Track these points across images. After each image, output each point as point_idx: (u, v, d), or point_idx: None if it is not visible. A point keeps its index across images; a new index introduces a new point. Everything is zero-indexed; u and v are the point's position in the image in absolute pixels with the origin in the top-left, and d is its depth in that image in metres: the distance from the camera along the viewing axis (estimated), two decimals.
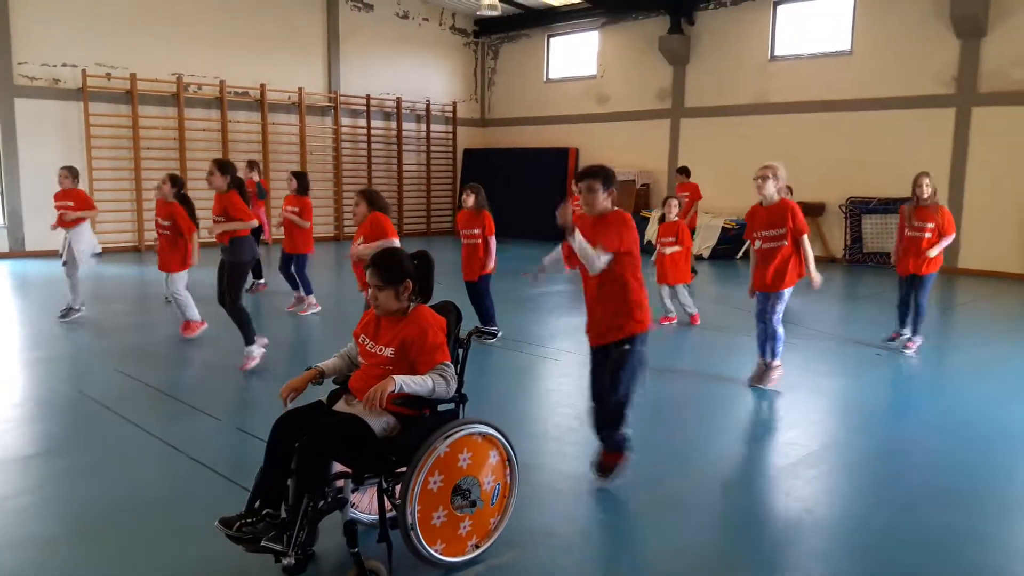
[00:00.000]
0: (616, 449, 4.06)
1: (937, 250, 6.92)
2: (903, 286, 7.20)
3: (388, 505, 3.06)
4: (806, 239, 5.73)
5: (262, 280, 10.22)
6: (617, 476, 4.05)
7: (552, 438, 4.86)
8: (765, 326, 5.90)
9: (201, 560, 3.24)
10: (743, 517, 3.83)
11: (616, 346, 3.94)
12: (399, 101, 18.17)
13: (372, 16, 17.65)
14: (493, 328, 7.45)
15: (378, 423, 3.02)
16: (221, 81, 15.24)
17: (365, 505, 3.41)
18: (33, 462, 4.43)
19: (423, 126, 18.98)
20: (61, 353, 6.98)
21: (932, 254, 6.90)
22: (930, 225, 6.91)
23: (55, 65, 13.61)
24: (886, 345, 7.30)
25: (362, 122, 17.76)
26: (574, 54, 18.49)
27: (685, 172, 12.41)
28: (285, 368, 6.52)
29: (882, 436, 5.04)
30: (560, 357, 6.94)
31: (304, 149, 16.54)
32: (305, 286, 8.85)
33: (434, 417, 3.17)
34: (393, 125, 18.34)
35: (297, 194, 8.92)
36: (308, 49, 16.75)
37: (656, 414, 5.53)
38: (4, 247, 13.45)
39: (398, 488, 3.02)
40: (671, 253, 8.16)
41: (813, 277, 5.82)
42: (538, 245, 14.71)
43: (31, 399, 5.72)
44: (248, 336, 6.38)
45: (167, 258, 7.24)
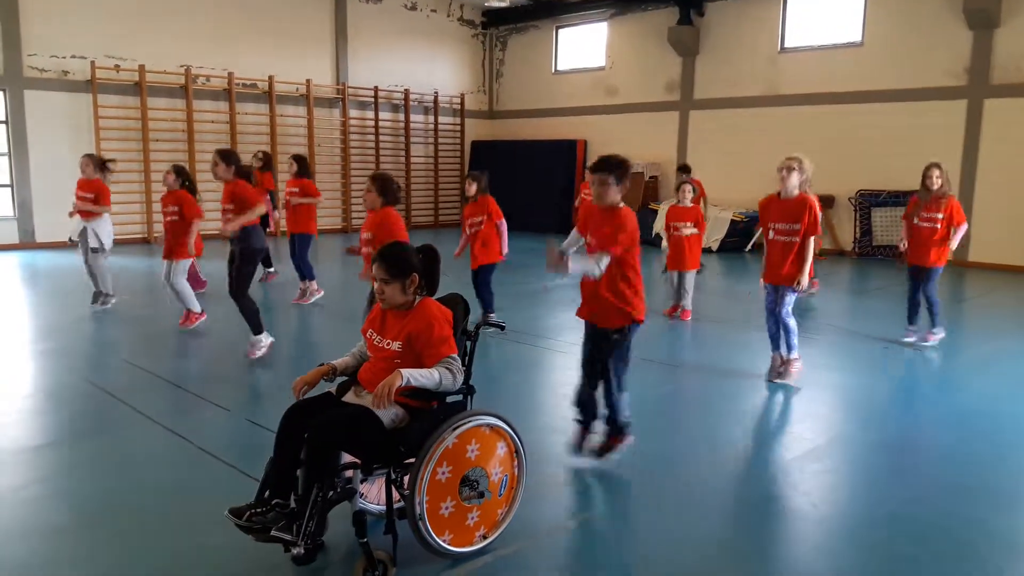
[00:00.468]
0: (618, 433, 4.22)
1: (956, 242, 6.84)
2: (911, 281, 7.13)
3: (396, 496, 3.07)
4: (812, 240, 5.63)
5: (272, 269, 10.25)
6: (614, 455, 4.22)
7: (559, 430, 4.86)
8: (776, 320, 5.86)
9: (211, 550, 3.26)
10: (749, 510, 3.83)
11: (612, 332, 4.09)
12: (407, 93, 18.15)
13: (380, 8, 17.62)
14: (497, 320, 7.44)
15: (387, 414, 3.03)
16: (229, 73, 15.26)
17: (374, 495, 3.43)
18: (43, 452, 4.46)
19: (431, 118, 18.96)
20: (70, 344, 7.02)
21: (953, 246, 6.83)
22: (939, 216, 6.83)
23: (64, 57, 13.64)
24: (896, 339, 7.26)
25: (370, 114, 17.75)
26: (583, 45, 18.41)
27: (686, 170, 11.65)
28: (294, 360, 6.55)
29: (889, 430, 5.03)
30: (568, 350, 6.94)
31: (312, 141, 16.54)
32: (307, 271, 8.85)
33: (442, 409, 3.18)
34: (401, 117, 18.33)
35: (297, 177, 8.99)
36: (316, 41, 16.75)
37: (662, 407, 5.54)
38: (14, 238, 13.51)
39: (407, 479, 3.04)
40: (688, 235, 8.16)
41: (802, 279, 5.65)
42: (546, 237, 14.67)
43: (41, 390, 5.76)
44: (256, 326, 6.40)
45: (172, 244, 7.31)
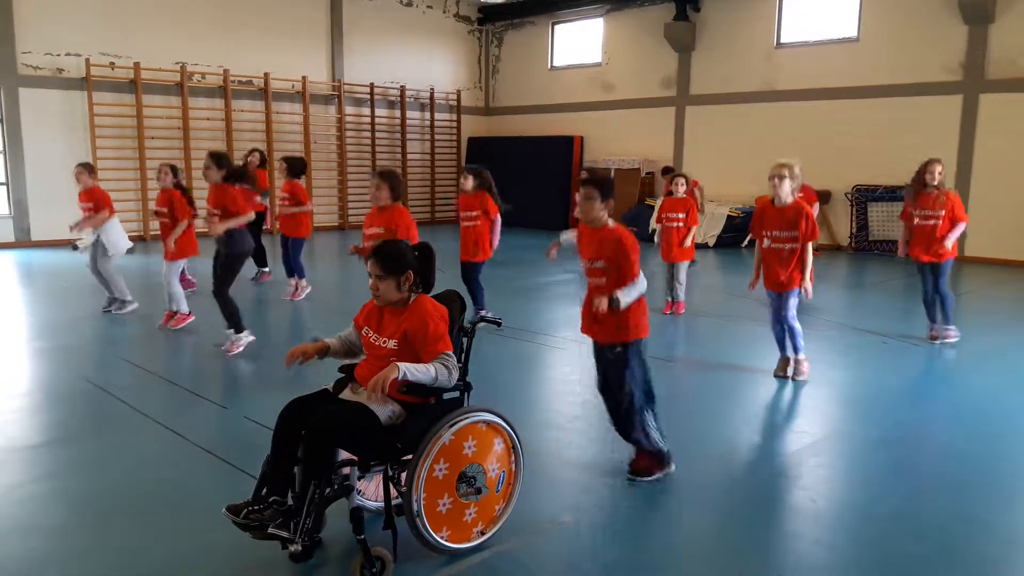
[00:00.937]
0: (644, 451, 4.00)
1: (952, 239, 6.78)
2: (924, 279, 7.05)
3: (394, 492, 3.07)
4: (810, 245, 5.61)
5: (266, 269, 10.22)
6: (651, 479, 3.97)
7: (557, 426, 4.87)
8: (782, 326, 5.84)
9: (208, 547, 3.26)
10: (748, 504, 3.83)
11: (611, 348, 3.92)
12: (403, 89, 18.11)
13: (376, 4, 17.57)
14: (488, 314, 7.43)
15: (384, 411, 3.03)
16: (225, 70, 15.22)
17: (371, 492, 3.43)
18: (41, 451, 4.46)
19: (427, 114, 18.93)
20: (68, 343, 7.00)
21: (948, 244, 6.77)
22: (941, 212, 6.76)
23: (59, 54, 13.59)
24: (897, 336, 7.27)
25: (366, 111, 17.72)
26: (579, 41, 18.37)
27: (671, 172, 11.71)
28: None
29: (888, 425, 5.04)
30: (565, 346, 6.95)
31: (308, 138, 16.51)
32: (298, 270, 8.93)
33: (439, 405, 3.18)
34: (397, 114, 18.29)
35: (288, 179, 8.99)
36: (312, 37, 16.70)
37: (661, 403, 5.53)
38: (10, 237, 13.48)
39: (404, 475, 3.04)
40: (679, 227, 8.20)
41: (807, 287, 5.66)
42: (543, 234, 14.68)
43: (38, 388, 5.76)
44: (236, 324, 6.45)
45: (167, 244, 7.30)
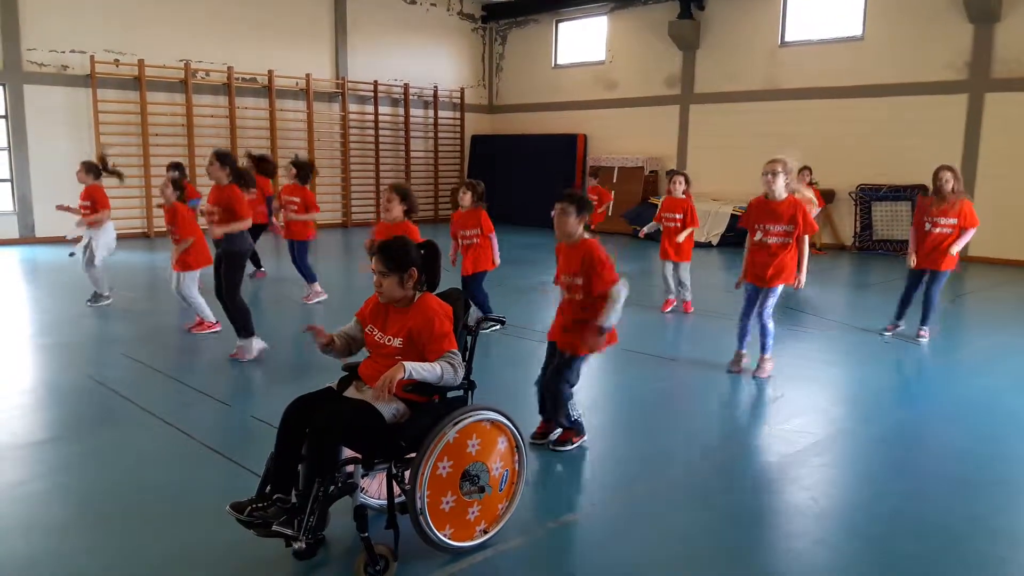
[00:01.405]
0: (570, 427, 4.46)
1: (958, 247, 6.72)
2: (912, 279, 7.08)
3: (397, 490, 3.08)
4: (807, 238, 5.63)
5: (262, 268, 10.23)
6: (572, 447, 4.44)
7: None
8: (751, 320, 5.86)
9: (212, 545, 3.26)
10: (748, 505, 3.83)
11: (568, 352, 4.33)
12: (407, 87, 18.11)
13: (379, 1, 17.56)
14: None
15: (388, 409, 3.04)
16: (229, 67, 15.23)
17: (375, 490, 3.44)
18: (44, 448, 4.47)
19: (431, 112, 18.92)
20: (71, 339, 7.02)
21: (954, 252, 6.72)
22: (952, 221, 6.69)
23: (63, 51, 13.61)
24: (894, 333, 7.26)
25: (370, 108, 17.72)
26: (583, 39, 18.35)
27: (595, 175, 14.05)
28: (293, 358, 6.55)
29: (889, 425, 5.03)
30: None
31: (312, 136, 16.52)
32: (307, 274, 8.75)
33: (443, 403, 3.19)
34: (401, 111, 18.29)
35: (298, 183, 8.74)
36: (316, 35, 16.71)
37: (662, 402, 5.54)
38: (14, 233, 13.51)
39: (408, 473, 3.04)
40: (677, 227, 8.17)
41: (801, 277, 5.69)
42: (545, 233, 14.67)
43: (42, 385, 5.77)
44: (247, 329, 6.19)
45: (178, 255, 7.03)
